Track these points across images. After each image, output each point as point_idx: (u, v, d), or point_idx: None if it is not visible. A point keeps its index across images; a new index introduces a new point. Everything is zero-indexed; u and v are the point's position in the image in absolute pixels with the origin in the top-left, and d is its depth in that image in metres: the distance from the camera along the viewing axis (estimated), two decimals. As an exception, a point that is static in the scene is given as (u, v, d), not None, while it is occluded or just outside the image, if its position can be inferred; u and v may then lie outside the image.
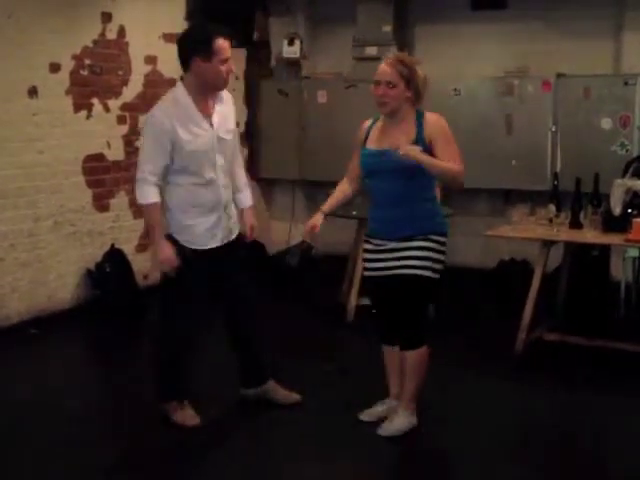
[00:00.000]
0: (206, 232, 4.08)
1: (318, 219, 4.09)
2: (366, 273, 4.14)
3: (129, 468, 3.86)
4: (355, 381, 4.83)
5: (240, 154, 4.46)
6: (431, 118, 3.91)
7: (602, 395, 4.67)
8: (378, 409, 4.26)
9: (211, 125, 4.04)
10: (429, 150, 3.83)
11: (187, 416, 4.20)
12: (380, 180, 3.97)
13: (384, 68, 3.88)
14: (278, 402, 4.39)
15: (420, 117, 3.90)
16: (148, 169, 3.97)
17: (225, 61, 3.94)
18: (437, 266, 3.97)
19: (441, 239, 3.98)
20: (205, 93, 4.01)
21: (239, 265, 4.29)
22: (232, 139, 4.19)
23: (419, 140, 3.84)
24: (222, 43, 3.93)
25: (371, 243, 4.05)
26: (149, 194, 3.99)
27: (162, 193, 4.07)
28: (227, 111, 4.17)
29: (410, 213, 3.90)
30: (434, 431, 4.17)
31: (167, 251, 4.00)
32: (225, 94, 4.17)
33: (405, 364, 4.06)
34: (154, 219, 4.03)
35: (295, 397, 4.43)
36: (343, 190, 4.19)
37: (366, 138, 4.04)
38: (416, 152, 3.75)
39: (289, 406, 4.38)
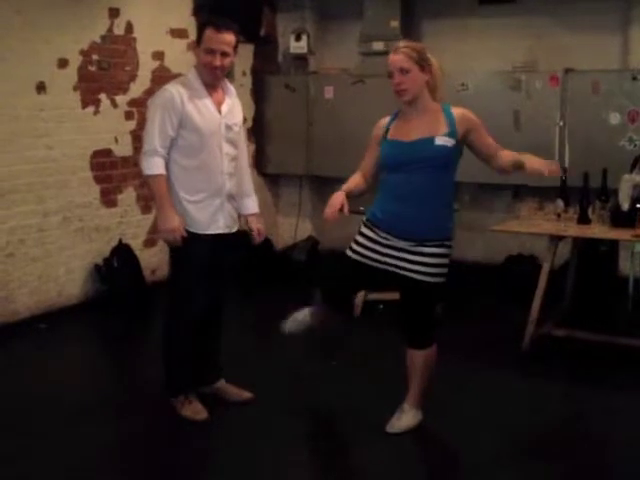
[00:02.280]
0: (207, 217, 4.09)
1: (339, 198, 3.80)
2: (353, 256, 3.95)
3: (134, 460, 3.88)
4: (359, 376, 4.84)
5: (247, 157, 4.46)
6: (461, 112, 3.86)
7: (610, 390, 4.66)
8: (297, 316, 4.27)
9: (219, 112, 4.07)
10: (459, 145, 3.82)
11: (196, 410, 4.21)
12: (408, 173, 3.80)
13: (393, 57, 3.84)
14: (230, 400, 4.40)
15: (448, 111, 3.85)
16: (157, 140, 3.98)
17: (210, 51, 3.95)
18: (445, 271, 3.95)
19: (451, 243, 3.95)
20: (205, 79, 4.04)
21: (229, 262, 4.29)
22: (238, 131, 4.21)
23: (452, 134, 3.79)
24: (210, 33, 3.95)
25: (374, 232, 3.91)
26: (157, 166, 4.00)
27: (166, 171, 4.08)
28: (235, 105, 4.21)
29: (431, 214, 3.82)
30: (441, 427, 4.17)
31: (173, 221, 3.99)
32: (234, 90, 4.22)
33: (414, 363, 4.05)
34: (161, 190, 4.01)
35: (247, 395, 4.43)
36: (357, 182, 4.01)
37: (386, 133, 3.93)
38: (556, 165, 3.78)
39: (242, 403, 4.38)
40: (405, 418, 4.08)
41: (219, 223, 4.14)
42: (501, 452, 3.92)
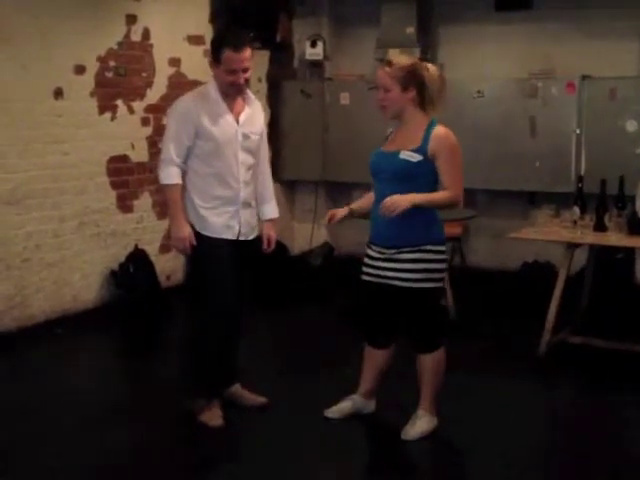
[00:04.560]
0: (222, 223, 4.11)
1: (341, 211, 4.11)
2: (363, 277, 4.09)
3: (145, 463, 3.88)
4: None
5: (268, 164, 4.47)
6: (439, 132, 3.85)
7: (626, 398, 4.63)
8: (345, 405, 4.26)
9: (237, 121, 4.10)
10: (430, 162, 3.82)
11: (213, 417, 4.18)
12: (379, 182, 3.97)
13: (379, 72, 3.91)
14: (245, 405, 4.38)
15: (430, 127, 3.87)
16: (173, 150, 4.04)
17: (232, 72, 3.98)
18: (435, 275, 3.94)
19: (438, 248, 3.93)
20: (225, 92, 4.07)
21: (246, 267, 4.29)
22: (257, 140, 4.22)
23: (421, 150, 3.83)
24: (230, 55, 3.97)
25: (372, 249, 4.03)
26: (172, 175, 4.06)
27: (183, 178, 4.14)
28: (256, 115, 4.23)
29: (403, 222, 3.79)
30: (456, 433, 4.15)
31: (184, 230, 4.05)
32: (255, 100, 4.25)
33: (423, 368, 4.06)
34: (174, 199, 4.08)
35: (261, 400, 4.41)
36: (371, 198, 4.11)
37: (385, 141, 4.06)
38: (403, 202, 3.70)
39: (258, 408, 4.36)
40: (419, 424, 4.07)
41: (234, 230, 4.15)
42: (516, 459, 3.90)
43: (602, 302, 5.86)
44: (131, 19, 6.45)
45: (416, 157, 3.83)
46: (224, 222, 4.12)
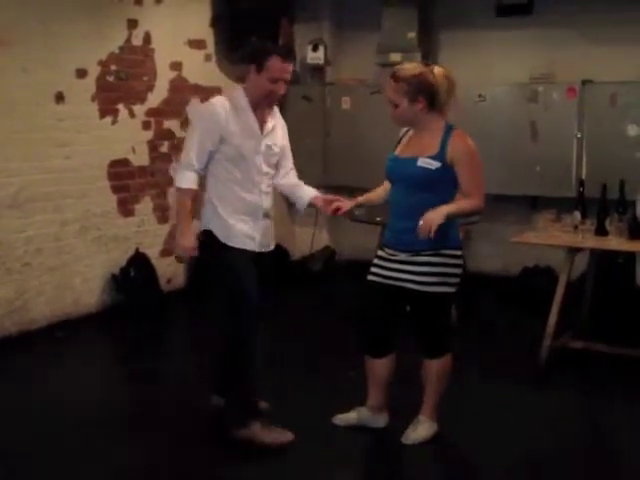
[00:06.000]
0: (243, 234, 4.03)
1: (348, 203, 4.10)
2: (370, 277, 4.03)
3: (145, 470, 3.88)
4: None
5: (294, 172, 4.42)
6: (458, 139, 3.81)
7: (627, 403, 4.63)
8: (351, 416, 4.23)
9: (261, 131, 4.04)
10: (449, 168, 3.78)
11: (276, 432, 4.03)
12: (397, 188, 3.95)
13: (387, 85, 3.89)
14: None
15: (448, 133, 3.82)
16: (195, 156, 3.95)
17: (274, 81, 3.92)
18: (451, 280, 3.92)
19: (455, 252, 3.90)
20: (257, 102, 4.01)
21: (263, 278, 4.18)
22: (279, 153, 4.16)
23: (439, 157, 3.78)
24: (277, 63, 3.91)
25: (384, 251, 4.01)
26: (189, 179, 3.96)
27: (203, 185, 4.05)
28: (278, 128, 4.17)
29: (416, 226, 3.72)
30: (457, 439, 4.15)
31: (189, 240, 3.98)
32: (279, 114, 4.19)
33: (428, 373, 4.05)
34: (185, 203, 3.98)
35: (263, 404, 4.30)
36: (379, 193, 4.16)
37: (398, 143, 4.03)
38: (437, 218, 3.62)
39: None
40: (421, 429, 4.07)
41: (255, 241, 4.07)
42: (516, 464, 3.90)
43: (603, 307, 5.85)
44: (132, 23, 6.47)
45: (434, 164, 3.78)
46: (247, 232, 4.04)
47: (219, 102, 3.99)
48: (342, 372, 4.96)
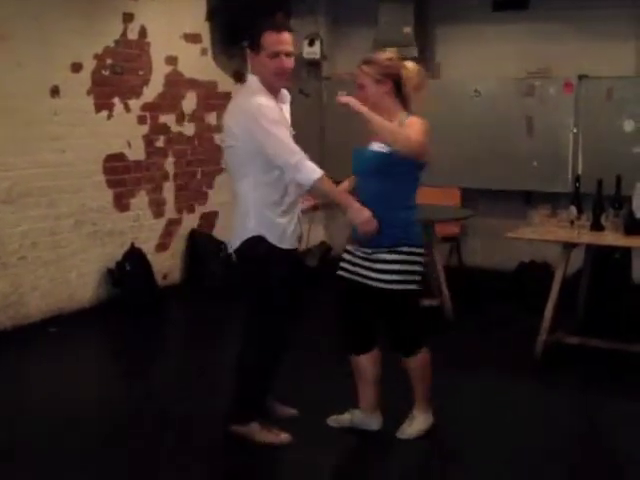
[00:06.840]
0: (292, 231, 3.88)
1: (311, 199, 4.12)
2: (338, 272, 4.02)
3: (141, 468, 3.87)
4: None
5: None
6: (411, 122, 3.78)
7: (623, 398, 4.63)
8: (345, 417, 4.20)
9: None
10: (396, 153, 3.71)
11: (274, 432, 4.00)
12: (359, 179, 3.95)
13: (357, 72, 3.92)
14: (275, 416, 4.22)
15: (402, 119, 3.81)
16: (293, 145, 3.74)
17: (275, 55, 3.72)
18: (411, 277, 3.86)
19: (414, 250, 3.85)
20: (270, 86, 3.81)
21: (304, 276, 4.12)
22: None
23: None
24: (271, 36, 3.74)
25: (350, 244, 3.98)
26: (314, 166, 3.71)
27: (240, 192, 3.84)
28: (288, 111, 4.06)
29: (380, 223, 3.71)
30: (452, 433, 4.15)
31: (365, 211, 3.69)
32: (288, 96, 4.05)
33: (409, 370, 4.03)
34: (332, 188, 3.78)
35: (291, 411, 4.29)
36: (344, 186, 4.13)
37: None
38: (355, 103, 3.71)
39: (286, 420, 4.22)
40: (416, 423, 4.07)
41: (295, 237, 3.93)
42: (512, 459, 3.90)
43: (599, 302, 5.86)
44: (128, 17, 6.45)
45: (387, 148, 3.74)
46: (290, 231, 3.85)
47: (263, 98, 3.73)
48: (339, 370, 4.96)
